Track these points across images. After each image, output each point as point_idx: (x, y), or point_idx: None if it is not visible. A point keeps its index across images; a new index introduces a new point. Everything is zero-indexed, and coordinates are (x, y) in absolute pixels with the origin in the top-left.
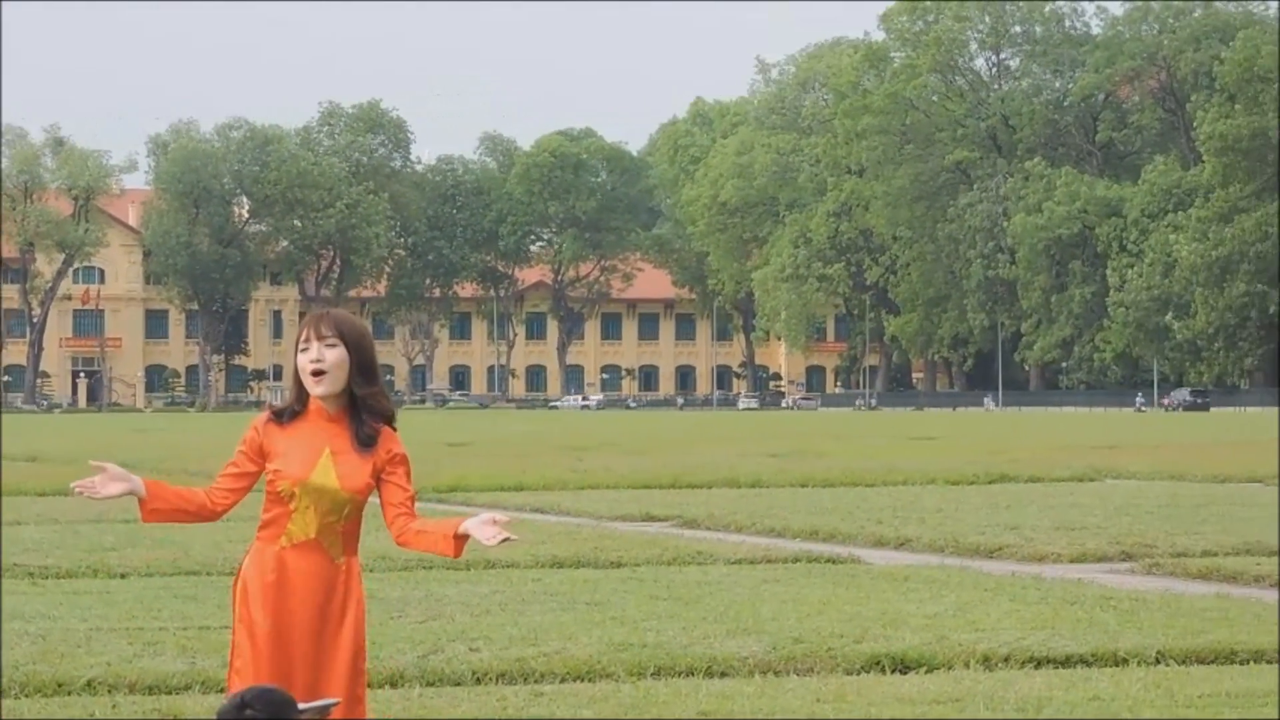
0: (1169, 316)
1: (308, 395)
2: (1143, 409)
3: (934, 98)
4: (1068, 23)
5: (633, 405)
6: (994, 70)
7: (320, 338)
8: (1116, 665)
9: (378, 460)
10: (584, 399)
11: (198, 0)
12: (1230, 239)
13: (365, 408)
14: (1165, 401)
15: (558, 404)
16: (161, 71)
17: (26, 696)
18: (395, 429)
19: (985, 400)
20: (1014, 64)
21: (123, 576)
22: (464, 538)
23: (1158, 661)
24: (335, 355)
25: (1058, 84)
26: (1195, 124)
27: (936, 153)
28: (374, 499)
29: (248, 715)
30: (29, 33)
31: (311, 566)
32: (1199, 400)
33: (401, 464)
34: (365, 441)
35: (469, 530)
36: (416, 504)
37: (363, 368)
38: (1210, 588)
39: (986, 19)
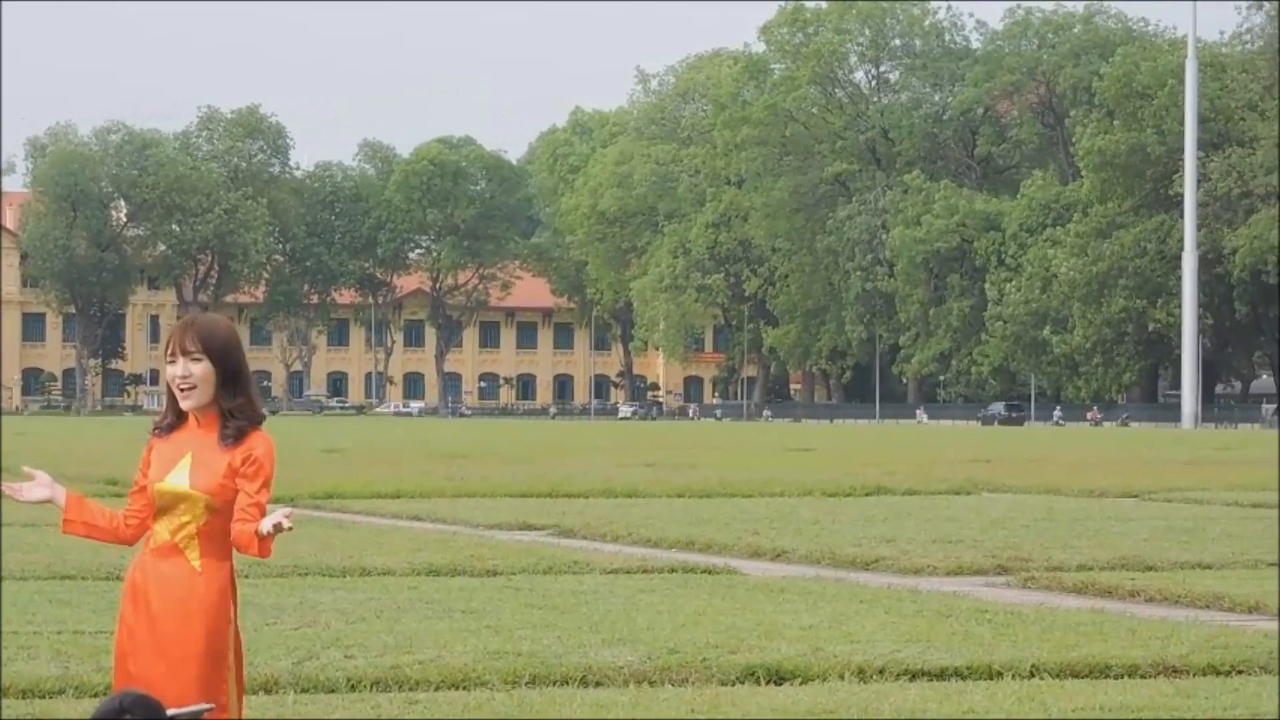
0: (1047, 331)
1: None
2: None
3: (813, 110)
4: (947, 37)
5: (467, 413)
6: (874, 83)
7: (185, 352)
8: (991, 678)
9: (234, 459)
10: (404, 405)
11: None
12: (1108, 254)
13: (230, 413)
14: (980, 415)
15: (380, 409)
16: (39, 74)
17: None
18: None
19: (918, 413)
20: (894, 77)
21: None
22: (268, 536)
23: (1032, 675)
24: (201, 369)
25: (937, 97)
26: (1074, 139)
27: (816, 165)
28: None
29: (133, 713)
30: None
31: (169, 570)
32: (1013, 415)
33: (255, 465)
34: (225, 439)
35: (264, 528)
36: (267, 510)
37: (228, 379)
38: (1085, 602)
39: (866, 32)
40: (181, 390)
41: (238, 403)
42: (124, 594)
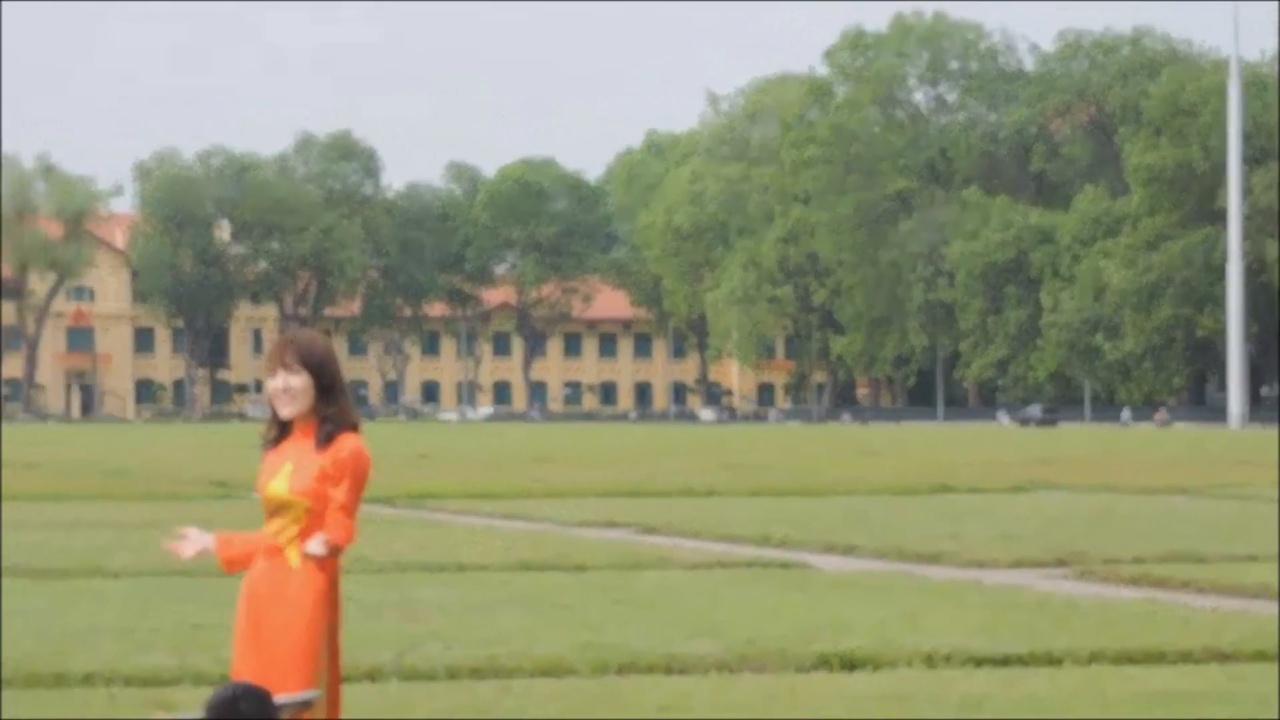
0: (1099, 337)
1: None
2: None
3: (875, 130)
4: (1002, 59)
5: (520, 417)
6: (932, 104)
7: (284, 366)
8: (1051, 665)
9: (324, 462)
10: (471, 410)
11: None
12: (1157, 265)
13: (325, 421)
14: (1017, 417)
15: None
16: (143, 101)
17: (28, 689)
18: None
19: (1000, 415)
20: (951, 98)
21: (116, 577)
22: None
23: (1090, 662)
24: (299, 382)
25: (993, 117)
26: (1123, 155)
27: (878, 182)
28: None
29: (241, 709)
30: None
31: (272, 569)
32: (1047, 416)
33: (339, 467)
34: (319, 444)
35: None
36: (338, 519)
37: (324, 391)
38: (1140, 593)
39: (925, 55)
40: (277, 400)
41: (330, 411)
42: (240, 592)
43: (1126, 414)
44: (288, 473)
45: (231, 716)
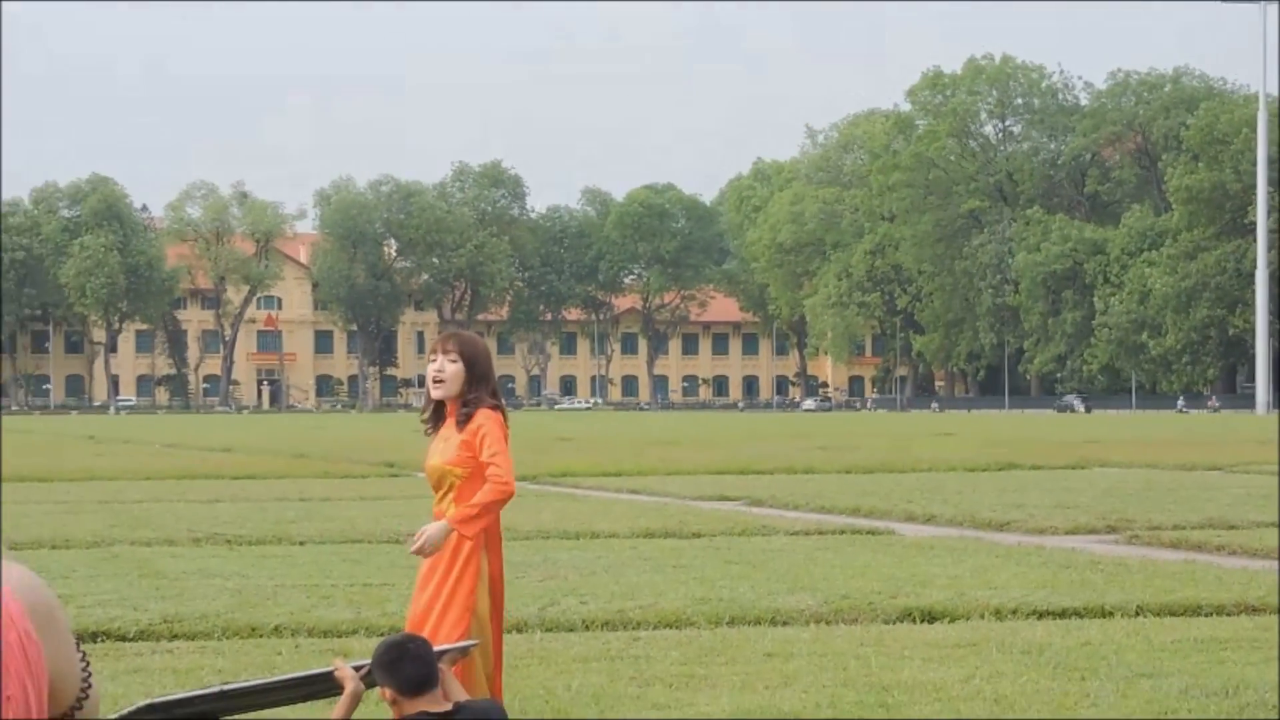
0: (1145, 336)
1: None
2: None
3: (951, 158)
4: (1060, 96)
5: (645, 407)
6: (1000, 135)
7: (445, 352)
8: (1104, 617)
9: (466, 435)
10: (586, 400)
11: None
12: (1195, 272)
13: (464, 404)
14: (1055, 405)
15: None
16: (320, 135)
17: (226, 638)
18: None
19: (1074, 402)
20: (1017, 129)
21: (301, 544)
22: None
23: (1137, 614)
24: (453, 368)
25: (1052, 145)
26: (1165, 178)
27: (953, 202)
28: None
29: (411, 648)
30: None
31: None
32: (1085, 405)
33: (480, 434)
34: (459, 424)
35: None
36: (491, 470)
37: (474, 380)
38: (1180, 555)
39: (994, 93)
40: (434, 382)
41: (472, 396)
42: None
43: (1181, 402)
44: (440, 449)
45: (397, 660)
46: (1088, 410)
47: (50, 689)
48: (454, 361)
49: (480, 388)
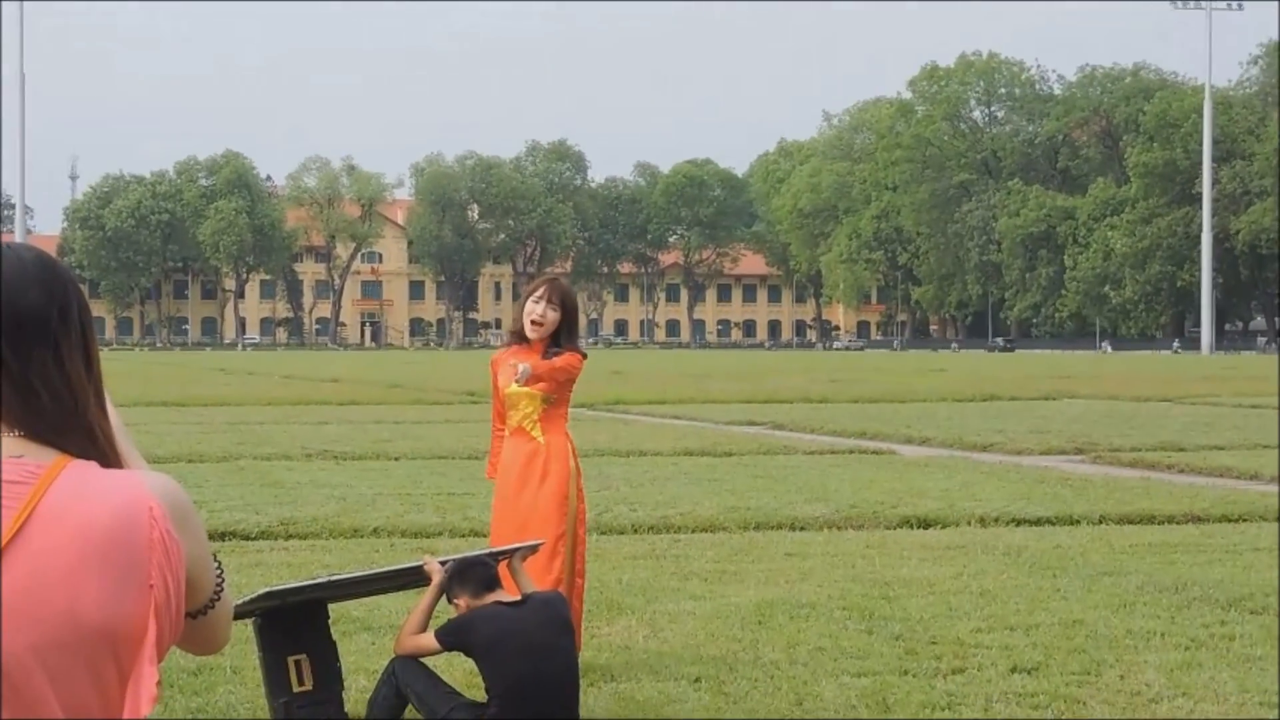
0: (1107, 288)
1: (525, 336)
2: (1106, 350)
3: (945, 138)
4: (1038, 86)
5: (685, 346)
6: (987, 119)
7: (548, 301)
8: (1072, 524)
9: (554, 363)
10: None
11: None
12: (1150, 235)
13: (556, 344)
14: (988, 346)
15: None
16: (414, 119)
17: (333, 538)
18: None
19: (1103, 345)
20: (1000, 114)
21: (395, 459)
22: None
23: (1100, 522)
24: (553, 316)
25: (1030, 128)
26: (1125, 156)
27: (946, 175)
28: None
29: (463, 568)
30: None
31: (522, 446)
32: (1009, 346)
33: (570, 363)
34: (548, 355)
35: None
36: (554, 370)
37: (565, 326)
38: (1137, 473)
39: (981, 84)
40: (534, 324)
41: (563, 341)
42: (497, 471)
43: (1176, 344)
44: (520, 374)
45: (475, 558)
46: (1011, 350)
47: (188, 584)
48: (554, 310)
49: (569, 336)
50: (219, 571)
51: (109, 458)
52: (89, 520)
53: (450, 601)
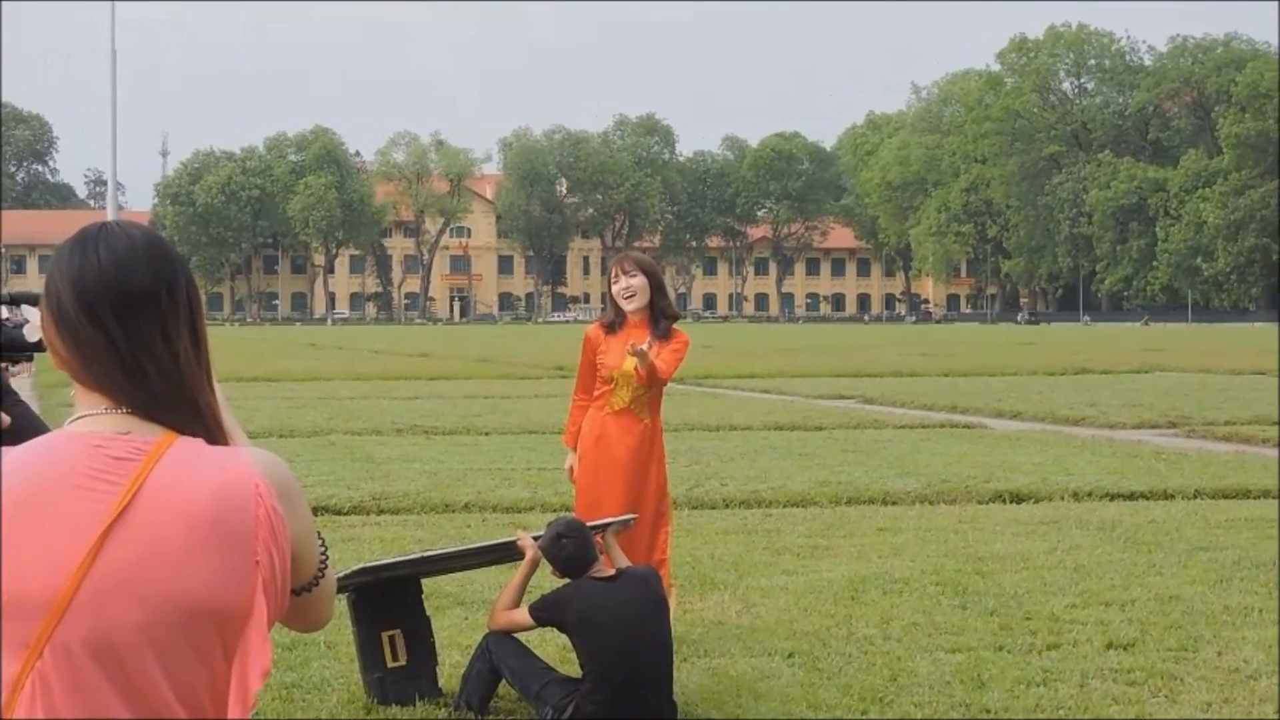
0: (1199, 260)
1: (624, 313)
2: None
3: (1034, 110)
4: (1128, 57)
5: (774, 320)
6: (1076, 90)
7: (626, 272)
8: (1166, 499)
9: (669, 348)
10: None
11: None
12: (1242, 206)
13: (661, 313)
14: (1017, 319)
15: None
16: (505, 89)
17: (424, 513)
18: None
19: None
20: (1090, 85)
21: (486, 434)
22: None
23: (1195, 496)
24: (639, 283)
25: (1120, 99)
26: (1217, 127)
27: (1036, 147)
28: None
29: (563, 543)
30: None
31: (628, 425)
32: (1034, 319)
33: (672, 341)
34: (660, 335)
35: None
36: (665, 361)
37: (657, 288)
38: (1231, 447)
39: (1071, 55)
40: (626, 297)
41: (663, 303)
42: (588, 445)
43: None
44: (645, 347)
45: (559, 549)
46: (1035, 323)
47: (293, 561)
48: (636, 277)
49: (662, 296)
50: (323, 549)
51: (215, 435)
52: (195, 497)
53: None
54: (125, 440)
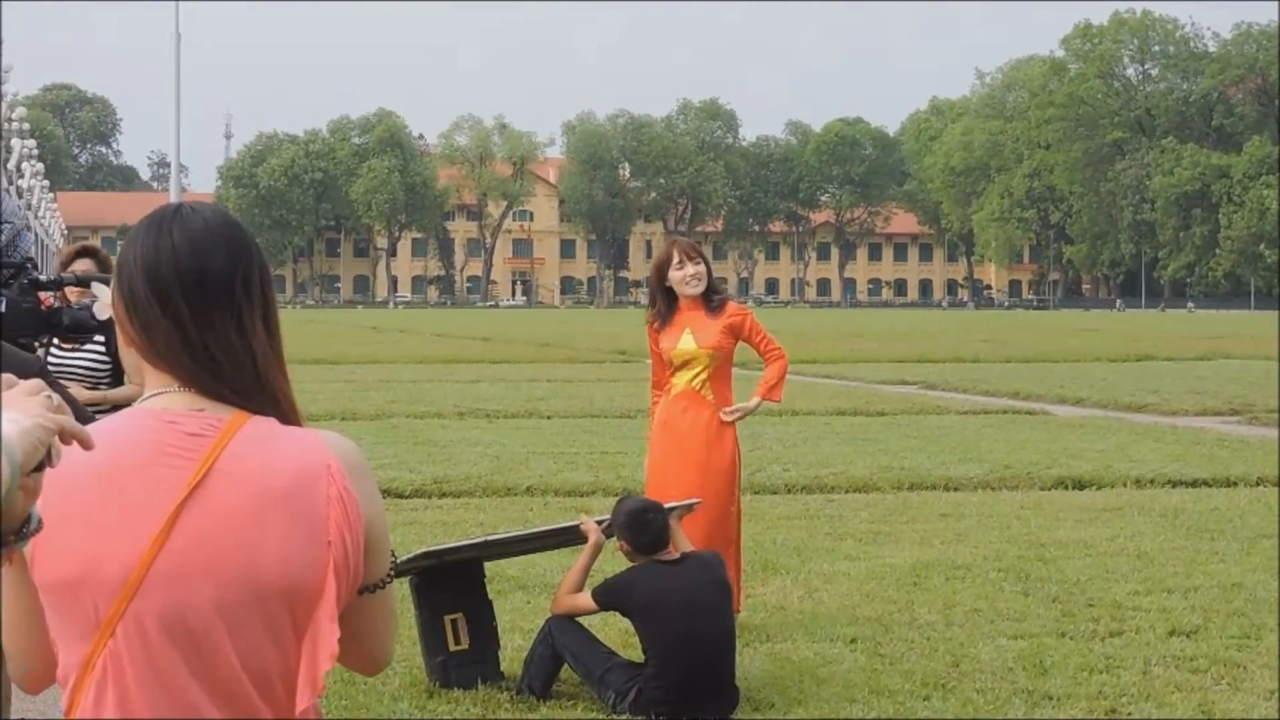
0: (1262, 247)
1: (673, 298)
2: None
3: (1098, 96)
4: (1192, 44)
5: (836, 305)
6: (1140, 77)
7: (691, 259)
8: (1229, 486)
9: (724, 321)
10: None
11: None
12: None
13: (712, 289)
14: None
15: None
16: (570, 75)
17: (486, 497)
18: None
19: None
20: (1154, 72)
21: (548, 418)
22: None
23: (1258, 484)
24: (702, 268)
25: (1185, 85)
26: None
27: (1100, 133)
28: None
29: (650, 516)
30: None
31: (693, 406)
32: (1038, 304)
33: (751, 325)
34: (712, 309)
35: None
36: (774, 351)
37: (710, 276)
38: None
39: (1135, 41)
40: (694, 284)
41: (712, 281)
42: (656, 429)
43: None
44: (700, 335)
45: (640, 527)
46: (1042, 308)
47: (366, 548)
48: (700, 264)
49: (716, 281)
50: (393, 558)
51: (289, 419)
52: (268, 475)
53: (620, 545)
54: (199, 416)
